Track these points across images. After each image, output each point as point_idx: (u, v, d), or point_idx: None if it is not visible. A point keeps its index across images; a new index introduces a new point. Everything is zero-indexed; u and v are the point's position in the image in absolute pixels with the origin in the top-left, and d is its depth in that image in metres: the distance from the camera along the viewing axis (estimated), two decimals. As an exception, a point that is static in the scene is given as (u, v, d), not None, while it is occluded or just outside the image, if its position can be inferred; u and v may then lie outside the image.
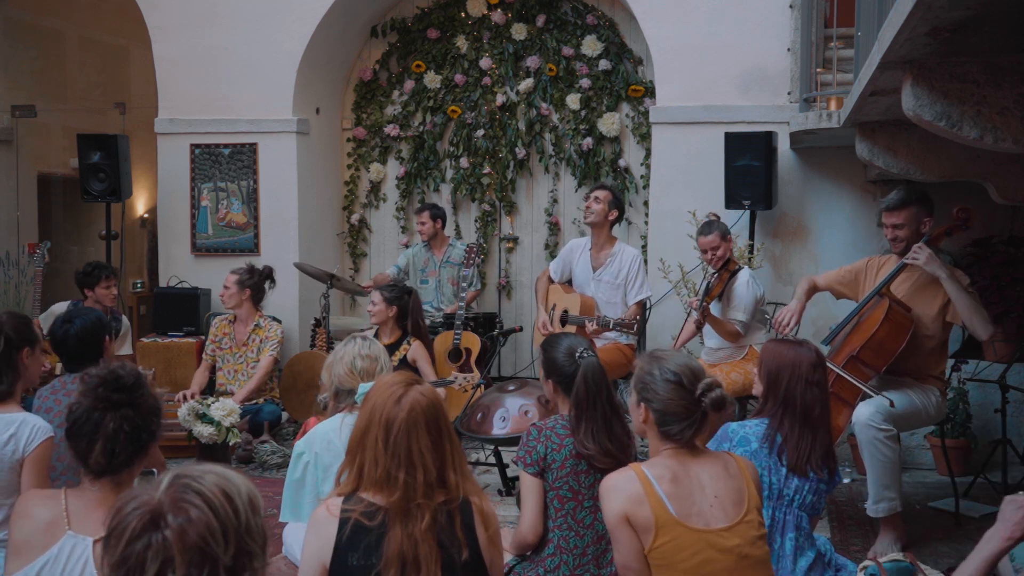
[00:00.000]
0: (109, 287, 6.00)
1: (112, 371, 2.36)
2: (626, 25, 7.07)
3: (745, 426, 3.17)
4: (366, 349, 3.30)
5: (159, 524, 1.47)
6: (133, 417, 2.31)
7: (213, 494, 1.51)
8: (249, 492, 1.58)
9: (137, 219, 9.95)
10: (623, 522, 2.42)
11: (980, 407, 5.42)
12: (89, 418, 2.29)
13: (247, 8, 7.07)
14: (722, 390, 2.52)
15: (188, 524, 1.47)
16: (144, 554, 1.45)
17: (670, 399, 2.49)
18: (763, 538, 2.52)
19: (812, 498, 3.11)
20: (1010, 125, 3.14)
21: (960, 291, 4.15)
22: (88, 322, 3.72)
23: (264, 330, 6.03)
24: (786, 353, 3.15)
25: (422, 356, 5.61)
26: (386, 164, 7.71)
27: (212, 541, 1.47)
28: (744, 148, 5.99)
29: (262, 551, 1.57)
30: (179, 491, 1.50)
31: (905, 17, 2.62)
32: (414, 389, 2.30)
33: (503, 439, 4.73)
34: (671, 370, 2.51)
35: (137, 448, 2.32)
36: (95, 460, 2.28)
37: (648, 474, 2.46)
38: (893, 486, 4.18)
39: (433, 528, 2.20)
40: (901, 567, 3.35)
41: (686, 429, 2.50)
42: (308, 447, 3.17)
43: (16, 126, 8.56)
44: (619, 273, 5.71)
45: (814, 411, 3.09)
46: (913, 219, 4.34)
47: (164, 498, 1.49)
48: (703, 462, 2.52)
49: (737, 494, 2.49)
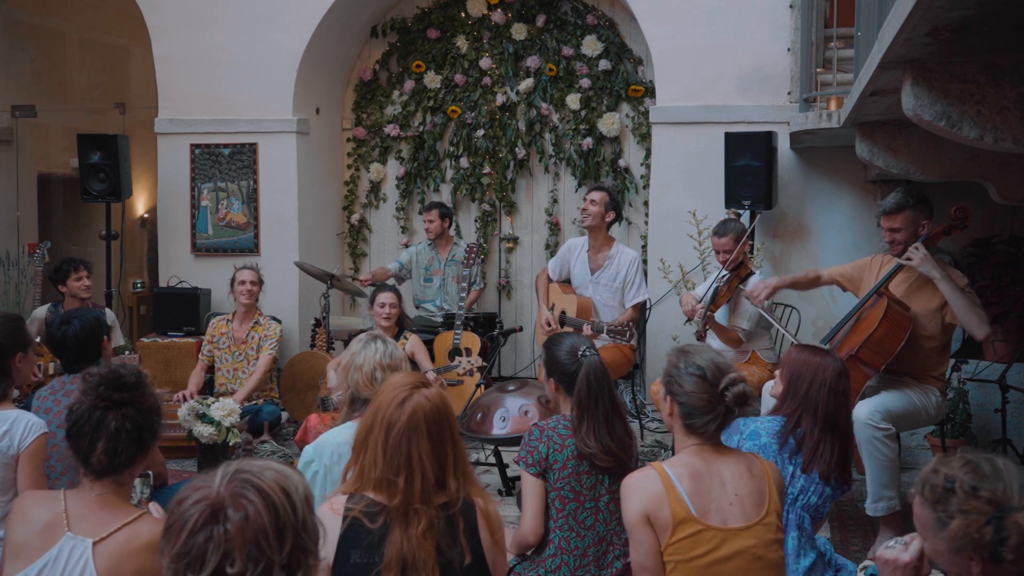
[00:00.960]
0: (80, 279, 5.95)
1: (114, 370, 2.35)
2: (626, 25, 7.08)
3: (757, 420, 3.18)
4: (387, 358, 3.13)
5: (219, 518, 1.50)
6: (135, 416, 2.30)
7: (272, 490, 1.53)
8: (306, 490, 1.61)
9: (137, 219, 9.94)
10: (643, 521, 2.42)
11: (980, 407, 5.42)
12: (91, 417, 2.28)
13: (247, 8, 7.07)
14: (746, 385, 2.52)
15: (247, 519, 1.49)
16: (205, 546, 1.48)
17: (693, 392, 2.51)
18: (779, 542, 2.52)
19: (816, 500, 3.11)
20: (1010, 125, 3.14)
21: (955, 291, 4.15)
22: (86, 323, 3.71)
23: (263, 328, 6.03)
24: (811, 359, 3.18)
25: (420, 349, 5.76)
26: (386, 164, 7.71)
27: (270, 536, 1.50)
28: (744, 148, 5.99)
29: (316, 547, 1.59)
30: (239, 486, 1.53)
31: (905, 17, 2.63)
32: (419, 392, 2.29)
33: (503, 439, 4.73)
34: (696, 364, 2.53)
35: (139, 447, 2.31)
36: (97, 459, 2.26)
37: (669, 472, 2.46)
38: (892, 485, 4.18)
39: (430, 532, 2.19)
40: (901, 567, 3.35)
41: (710, 423, 2.51)
42: (318, 456, 3.04)
43: (16, 126, 8.56)
44: (617, 276, 5.72)
45: (840, 419, 3.11)
46: (910, 223, 4.33)
47: (224, 492, 1.52)
48: (727, 460, 2.53)
49: (758, 496, 2.49)
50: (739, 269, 5.08)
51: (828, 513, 3.35)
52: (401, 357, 3.22)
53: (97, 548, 2.18)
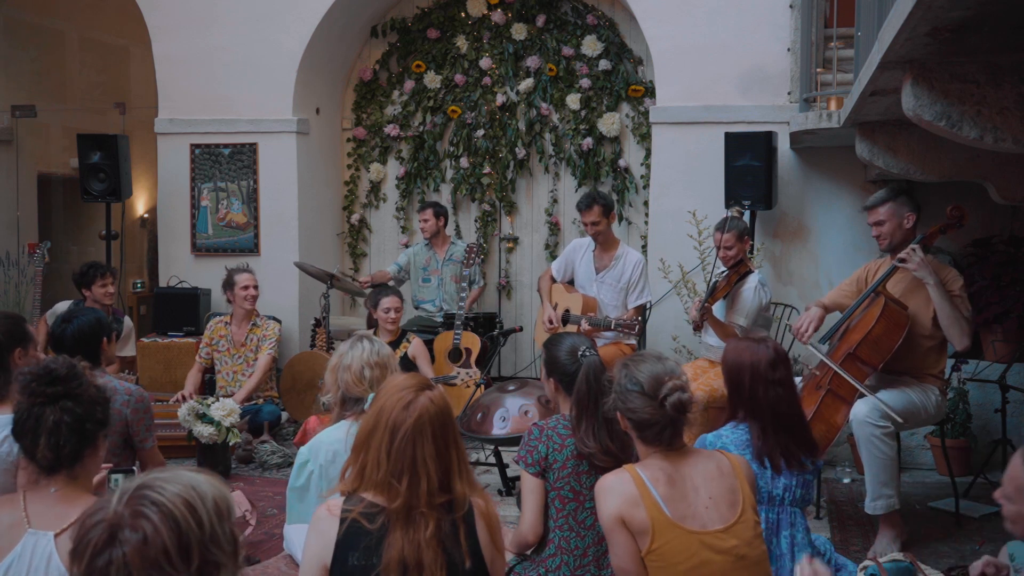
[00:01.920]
0: (105, 285, 5.99)
1: (44, 365, 2.35)
2: (626, 25, 7.07)
3: (721, 436, 3.15)
4: (374, 356, 3.18)
5: (117, 540, 1.44)
6: (73, 408, 2.30)
7: (174, 504, 1.47)
8: (216, 498, 1.52)
9: (137, 219, 9.95)
10: (618, 524, 2.42)
11: (980, 407, 5.42)
12: (30, 415, 2.29)
13: (247, 8, 7.07)
14: (684, 393, 2.51)
15: (145, 540, 1.43)
16: (106, 570, 1.43)
17: (637, 408, 2.51)
18: (759, 537, 2.52)
19: (801, 491, 3.12)
20: (1010, 125, 3.14)
21: (944, 299, 4.18)
22: (85, 322, 3.71)
23: (261, 329, 6.04)
24: (744, 354, 3.12)
25: (421, 353, 5.74)
26: (386, 164, 7.71)
27: (172, 555, 1.44)
28: (744, 148, 5.99)
29: (232, 559, 1.52)
30: (138, 503, 1.46)
31: (905, 17, 2.63)
32: (424, 395, 2.29)
33: (503, 439, 4.73)
34: (635, 379, 2.53)
35: (83, 438, 2.31)
36: (42, 455, 2.27)
37: (643, 476, 2.46)
38: (891, 483, 4.18)
39: (437, 535, 2.19)
40: (901, 567, 3.35)
41: (661, 433, 2.52)
42: (312, 456, 3.09)
43: (16, 126, 8.56)
44: (621, 277, 5.74)
45: (780, 409, 3.06)
46: (893, 215, 4.37)
47: (124, 511, 1.46)
48: (695, 463, 2.53)
49: (731, 494, 2.50)
50: (739, 266, 5.09)
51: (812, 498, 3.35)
52: (389, 354, 3.27)
53: (59, 540, 2.20)
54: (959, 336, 4.21)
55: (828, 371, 4.25)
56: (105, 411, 2.39)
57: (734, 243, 5.08)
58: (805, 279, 6.25)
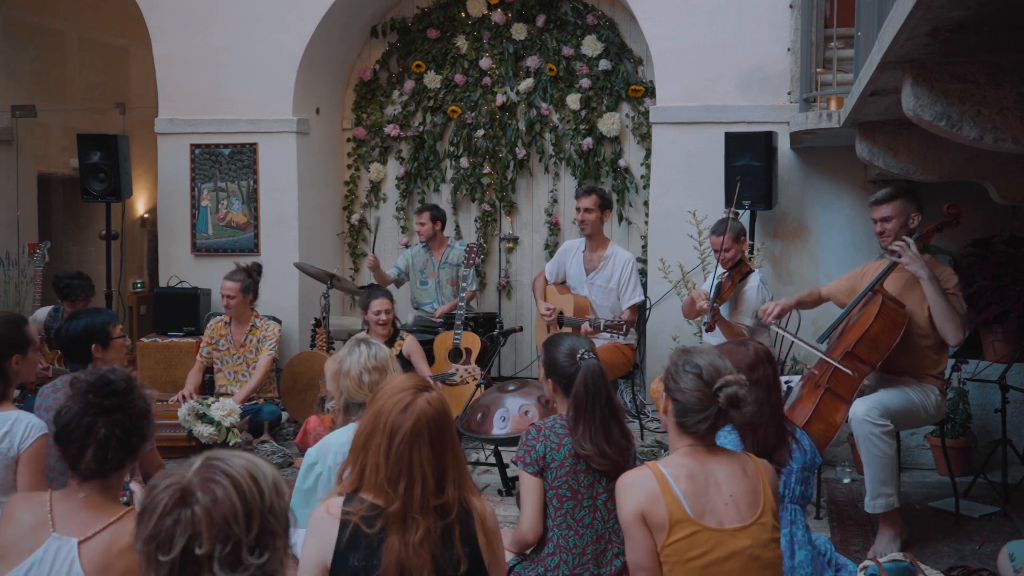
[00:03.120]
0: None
1: (102, 376, 2.32)
2: (626, 25, 7.08)
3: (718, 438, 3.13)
4: (372, 360, 3.19)
5: (188, 501, 1.56)
6: (124, 421, 2.28)
7: (240, 476, 1.60)
8: (275, 477, 1.66)
9: (137, 219, 9.94)
10: (638, 520, 2.42)
11: (980, 407, 5.42)
12: (80, 424, 2.25)
13: (247, 8, 7.07)
14: (741, 388, 2.50)
15: (215, 502, 1.56)
16: (173, 529, 1.54)
17: (688, 389, 2.50)
18: (776, 541, 2.51)
19: (800, 488, 3.11)
20: (1010, 125, 3.14)
21: (937, 294, 4.17)
22: (84, 324, 3.73)
23: (261, 330, 6.03)
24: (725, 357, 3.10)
25: (416, 351, 5.75)
26: (386, 164, 7.72)
27: (237, 519, 1.56)
28: (744, 148, 6.00)
29: (284, 532, 1.64)
30: (209, 471, 1.60)
31: (905, 17, 2.63)
32: (422, 397, 2.28)
33: (503, 439, 4.73)
34: (695, 362, 2.53)
35: (128, 452, 2.30)
36: (86, 466, 2.24)
37: (665, 472, 2.46)
38: (890, 482, 4.18)
39: (427, 541, 2.19)
40: (901, 567, 3.36)
41: (701, 422, 2.50)
42: (321, 458, 3.06)
43: (16, 126, 8.56)
44: (611, 278, 5.74)
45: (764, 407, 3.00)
46: (900, 212, 4.36)
47: (194, 478, 1.59)
48: (721, 461, 2.52)
49: (753, 495, 2.49)
50: (739, 266, 5.10)
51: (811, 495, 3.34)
52: (387, 357, 3.26)
53: (83, 547, 2.18)
54: (952, 331, 4.19)
55: (826, 370, 4.25)
56: (151, 424, 2.40)
57: (731, 245, 5.09)
58: (805, 279, 6.25)
